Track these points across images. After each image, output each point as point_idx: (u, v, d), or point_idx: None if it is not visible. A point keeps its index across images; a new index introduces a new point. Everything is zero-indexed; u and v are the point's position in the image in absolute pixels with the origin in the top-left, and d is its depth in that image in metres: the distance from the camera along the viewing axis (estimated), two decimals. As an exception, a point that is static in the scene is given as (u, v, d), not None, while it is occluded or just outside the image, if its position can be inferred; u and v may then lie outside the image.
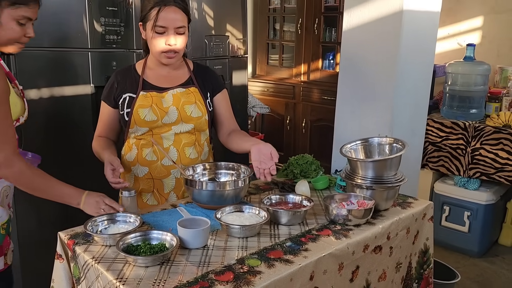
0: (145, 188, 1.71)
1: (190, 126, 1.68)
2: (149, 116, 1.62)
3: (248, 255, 1.27)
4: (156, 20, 1.56)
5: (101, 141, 1.70)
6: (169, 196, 1.72)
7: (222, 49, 3.10)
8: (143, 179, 1.70)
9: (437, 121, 3.03)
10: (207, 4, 2.95)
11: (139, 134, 1.67)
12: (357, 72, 2.21)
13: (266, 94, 4.50)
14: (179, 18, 1.58)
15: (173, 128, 1.66)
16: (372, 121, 2.18)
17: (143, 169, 1.69)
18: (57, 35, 2.21)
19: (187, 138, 1.69)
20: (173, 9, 1.57)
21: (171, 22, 1.56)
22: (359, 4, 2.13)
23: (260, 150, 1.52)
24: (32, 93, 2.16)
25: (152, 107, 1.63)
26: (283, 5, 4.37)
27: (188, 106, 1.67)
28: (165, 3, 1.56)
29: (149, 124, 1.63)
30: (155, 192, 1.71)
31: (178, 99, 1.66)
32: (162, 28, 1.57)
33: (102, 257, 1.25)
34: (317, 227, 1.47)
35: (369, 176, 1.60)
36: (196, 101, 1.68)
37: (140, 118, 1.62)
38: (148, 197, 1.72)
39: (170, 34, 1.58)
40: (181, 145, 1.69)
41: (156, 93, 1.66)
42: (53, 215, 2.32)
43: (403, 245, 1.63)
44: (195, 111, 1.67)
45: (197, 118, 1.68)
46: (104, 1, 2.33)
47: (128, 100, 1.65)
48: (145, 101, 1.64)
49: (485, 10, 3.45)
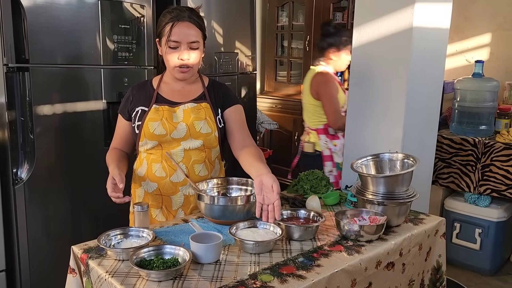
0: (154, 204, 1.71)
1: (199, 142, 1.68)
2: (158, 129, 1.63)
3: (260, 270, 1.27)
4: (170, 35, 1.59)
5: (113, 153, 1.71)
6: (177, 213, 1.72)
7: (231, 66, 3.13)
8: (152, 194, 1.71)
9: (446, 137, 3.02)
10: (216, 22, 3.00)
11: (148, 148, 1.68)
12: (367, 88, 2.22)
13: (274, 110, 4.52)
14: (193, 34, 1.61)
15: (182, 144, 1.67)
16: (382, 137, 2.18)
17: (152, 185, 1.70)
18: (71, 52, 2.26)
19: (197, 155, 1.69)
20: (187, 25, 1.60)
21: (184, 37, 1.59)
22: (369, 21, 2.15)
23: (262, 182, 1.45)
24: (46, 109, 2.20)
25: (162, 121, 1.64)
26: (291, 23, 4.43)
27: (198, 122, 1.67)
28: (178, 19, 1.59)
29: (158, 137, 1.64)
30: (164, 209, 1.72)
31: (188, 115, 1.67)
32: (175, 43, 1.60)
33: (115, 271, 1.25)
34: (329, 242, 1.47)
35: (381, 191, 1.60)
36: (207, 117, 1.69)
37: (149, 131, 1.63)
38: (157, 213, 1.73)
39: (183, 49, 1.60)
40: (191, 162, 1.69)
41: (168, 107, 1.67)
42: (64, 230, 2.33)
43: (416, 261, 1.61)
44: (204, 127, 1.67)
45: (206, 134, 1.67)
46: (116, 19, 2.38)
47: (140, 113, 1.67)
48: (156, 114, 1.65)
49: (493, 27, 3.47)
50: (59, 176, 2.30)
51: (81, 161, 2.35)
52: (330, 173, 2.77)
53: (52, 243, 2.29)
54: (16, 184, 2.16)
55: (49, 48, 2.18)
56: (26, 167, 2.19)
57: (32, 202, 2.20)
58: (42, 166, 2.22)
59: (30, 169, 2.18)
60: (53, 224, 2.29)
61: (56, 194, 2.28)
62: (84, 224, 2.41)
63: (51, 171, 2.26)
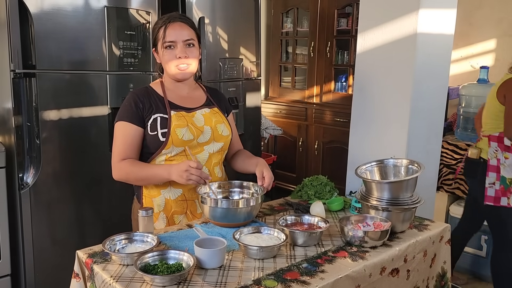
0: (178, 210, 1.69)
1: (220, 145, 1.72)
2: (186, 135, 1.63)
3: (264, 276, 1.27)
4: (164, 37, 1.63)
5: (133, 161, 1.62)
6: (202, 216, 1.71)
7: (236, 72, 3.15)
8: (176, 201, 1.68)
9: (451, 143, 3.01)
10: (221, 28, 3.01)
11: (173, 155, 1.64)
12: (371, 94, 2.22)
13: (279, 116, 4.53)
14: (186, 32, 1.65)
15: (205, 148, 1.69)
16: (387, 143, 2.18)
17: (176, 191, 1.67)
18: (77, 58, 2.28)
19: (216, 158, 1.74)
20: (179, 24, 1.64)
21: (178, 35, 1.63)
22: (373, 27, 2.16)
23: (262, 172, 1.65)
24: (52, 114, 2.22)
25: (188, 126, 1.64)
26: (295, 29, 4.44)
27: (219, 125, 1.72)
28: (170, 20, 1.64)
29: (186, 143, 1.63)
30: (188, 214, 1.71)
31: (209, 119, 1.71)
32: (171, 42, 1.63)
33: (120, 276, 1.25)
34: (333, 248, 1.46)
35: (385, 197, 1.60)
36: (223, 121, 1.75)
37: (178, 138, 1.61)
38: (181, 219, 1.70)
39: (180, 47, 1.63)
40: (212, 165, 1.72)
41: (186, 113, 1.68)
42: (69, 235, 2.33)
43: (420, 268, 1.61)
44: (225, 130, 1.73)
45: (226, 136, 1.74)
46: (122, 25, 2.40)
47: (160, 120, 1.62)
48: (180, 120, 1.64)
49: (498, 33, 3.47)
50: (65, 181, 2.31)
51: (86, 166, 2.36)
52: (491, 185, 2.44)
53: (57, 248, 2.30)
54: (22, 189, 2.17)
55: (56, 54, 2.20)
56: (32, 172, 2.20)
57: (37, 206, 2.21)
58: (47, 171, 2.23)
59: (36, 174, 2.20)
60: (58, 229, 2.30)
61: (61, 199, 2.29)
62: (89, 229, 2.41)
63: (56, 176, 2.27)
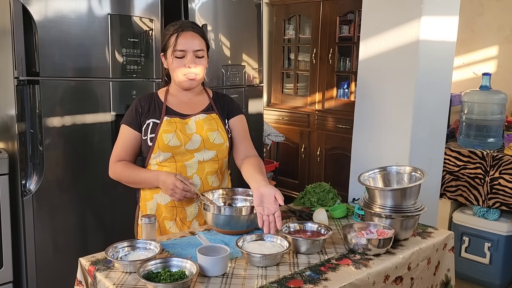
0: (168, 216, 1.70)
1: (212, 153, 1.70)
2: (172, 141, 1.64)
3: (267, 284, 1.26)
4: (175, 45, 1.63)
5: (127, 163, 1.68)
6: (192, 224, 1.71)
7: (239, 78, 3.15)
8: (166, 206, 1.70)
9: (454, 150, 3.01)
10: (224, 35, 3.02)
11: (161, 160, 1.67)
12: (374, 101, 2.22)
13: (281, 122, 4.53)
14: (197, 42, 1.65)
15: (196, 156, 1.68)
16: (389, 150, 2.18)
17: (166, 197, 1.69)
18: (80, 66, 2.29)
19: (210, 167, 1.71)
20: (191, 34, 1.65)
21: (189, 45, 1.64)
22: (375, 34, 2.16)
23: (261, 194, 1.48)
24: (55, 121, 2.22)
25: (176, 132, 1.65)
26: (297, 36, 4.45)
27: (211, 133, 1.69)
28: (183, 29, 1.65)
29: (172, 149, 1.64)
30: (178, 221, 1.71)
31: (201, 127, 1.69)
32: (182, 52, 1.63)
33: (122, 283, 1.25)
34: (337, 256, 1.46)
35: (388, 205, 1.59)
36: (218, 128, 1.72)
37: (163, 143, 1.64)
38: (171, 225, 1.71)
39: (189, 57, 1.64)
40: (204, 174, 1.70)
41: (180, 119, 1.69)
42: (72, 242, 2.33)
43: (424, 276, 1.60)
44: (218, 138, 1.70)
45: (219, 145, 1.70)
46: (125, 33, 2.41)
47: (152, 125, 1.67)
48: (169, 126, 1.66)
49: (500, 40, 3.47)
50: (67, 188, 2.31)
51: (90, 173, 2.36)
52: None
53: (60, 255, 2.29)
54: (24, 196, 2.17)
55: (59, 62, 2.21)
56: (35, 179, 2.21)
57: (40, 213, 2.21)
58: (50, 178, 2.23)
59: (39, 180, 2.20)
60: (61, 236, 2.30)
61: (64, 206, 2.29)
62: (91, 236, 2.41)
63: (59, 183, 2.27)
